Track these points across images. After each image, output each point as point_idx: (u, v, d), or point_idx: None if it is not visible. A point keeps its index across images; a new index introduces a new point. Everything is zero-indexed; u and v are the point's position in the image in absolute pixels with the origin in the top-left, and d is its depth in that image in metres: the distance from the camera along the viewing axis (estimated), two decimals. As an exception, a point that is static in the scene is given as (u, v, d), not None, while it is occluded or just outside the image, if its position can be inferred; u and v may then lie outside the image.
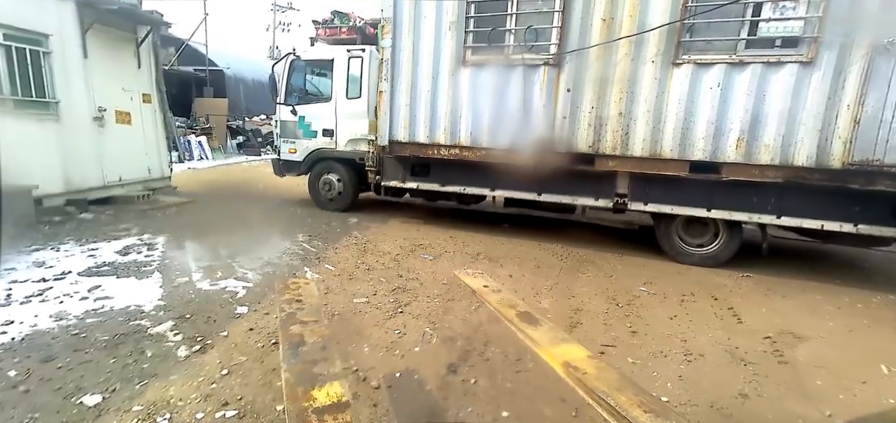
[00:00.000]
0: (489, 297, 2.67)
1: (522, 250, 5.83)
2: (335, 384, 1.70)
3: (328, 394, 1.65)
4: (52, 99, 6.12)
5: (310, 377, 1.74)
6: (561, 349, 2.04)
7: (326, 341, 2.03)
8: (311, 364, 1.83)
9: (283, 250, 5.15)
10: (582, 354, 1.99)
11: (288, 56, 7.32)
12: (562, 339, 2.18)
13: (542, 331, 2.23)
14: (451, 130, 6.01)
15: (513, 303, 2.57)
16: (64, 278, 3.78)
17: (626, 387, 1.76)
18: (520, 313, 2.41)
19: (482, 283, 2.91)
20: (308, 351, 1.93)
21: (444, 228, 6.81)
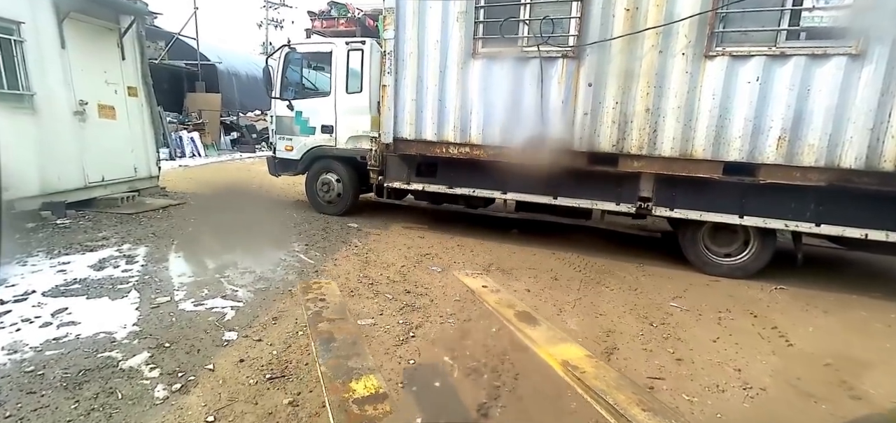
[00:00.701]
0: (487, 297, 2.64)
1: (536, 260, 5.40)
2: (371, 377, 1.76)
3: (365, 386, 1.71)
4: (26, 91, 5.60)
5: (345, 370, 1.80)
6: (559, 349, 2.04)
7: (355, 337, 2.07)
8: (345, 359, 1.88)
9: (278, 262, 4.68)
10: (580, 353, 1.99)
11: (283, 48, 6.83)
12: (560, 338, 2.18)
13: (541, 331, 2.22)
14: (460, 127, 5.55)
15: (511, 303, 2.55)
16: (25, 300, 3.30)
17: (625, 386, 1.77)
18: (518, 313, 2.40)
19: (481, 283, 2.89)
20: (339, 347, 1.97)
21: (449, 234, 6.37)
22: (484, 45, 5.30)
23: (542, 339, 2.13)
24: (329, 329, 2.13)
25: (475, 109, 5.45)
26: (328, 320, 2.23)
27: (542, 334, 2.18)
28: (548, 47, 4.99)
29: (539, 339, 2.13)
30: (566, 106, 5.05)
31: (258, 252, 4.81)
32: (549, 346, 2.07)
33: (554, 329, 2.30)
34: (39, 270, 3.94)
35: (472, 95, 5.42)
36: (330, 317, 2.27)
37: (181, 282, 3.90)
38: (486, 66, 5.30)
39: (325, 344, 1.99)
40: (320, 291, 2.56)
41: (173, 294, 3.62)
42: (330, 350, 1.95)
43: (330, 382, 1.74)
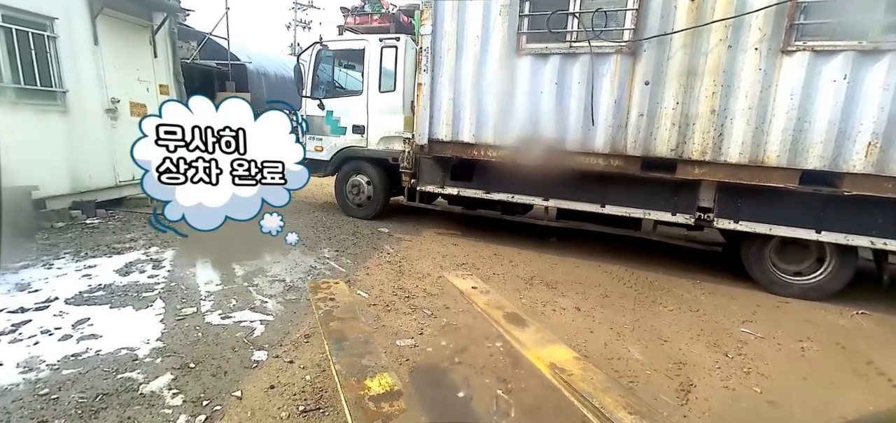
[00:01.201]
0: (477, 299, 2.60)
1: (581, 274, 4.98)
2: (385, 375, 1.77)
3: (380, 383, 1.72)
4: (58, 88, 5.53)
5: (359, 368, 1.81)
6: (547, 351, 2.00)
7: (367, 336, 2.05)
8: (358, 357, 1.89)
9: (308, 269, 4.42)
10: (568, 355, 1.96)
11: (314, 45, 6.61)
12: (549, 341, 2.14)
13: (529, 333, 2.18)
14: (500, 128, 5.19)
15: (500, 304, 2.54)
16: (47, 307, 3.12)
17: (613, 388, 1.74)
18: (507, 315, 2.38)
19: (470, 284, 2.84)
20: (351, 345, 1.97)
21: (484, 241, 6.01)
22: (529, 41, 4.93)
23: (530, 341, 2.08)
24: (341, 328, 2.13)
25: (519, 108, 5.07)
26: (339, 320, 2.22)
27: (530, 336, 2.14)
28: (600, 42, 4.58)
29: (527, 341, 2.09)
30: (619, 107, 4.62)
31: (287, 258, 4.56)
32: (537, 348, 2.03)
33: (542, 331, 2.28)
34: (64, 273, 3.78)
35: (516, 92, 5.05)
36: (341, 316, 2.27)
37: (208, 291, 3.67)
38: (530, 63, 4.92)
39: (338, 343, 1.99)
40: (329, 290, 2.56)
41: (200, 305, 3.38)
42: (343, 349, 1.95)
43: (345, 380, 1.73)
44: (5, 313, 2.98)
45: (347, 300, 2.47)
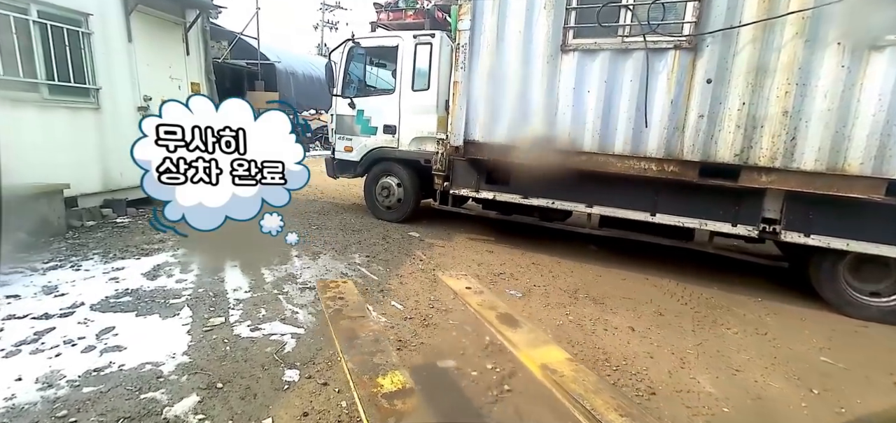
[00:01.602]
0: (470, 299, 2.60)
1: (628, 288, 4.61)
2: (396, 373, 1.78)
3: (392, 381, 1.73)
4: (91, 85, 5.49)
5: (371, 366, 1.82)
6: (539, 352, 2.02)
7: (377, 334, 2.08)
8: (370, 355, 1.90)
9: (338, 276, 4.20)
10: (560, 356, 1.99)
11: (346, 42, 6.41)
12: (542, 341, 2.15)
13: (522, 333, 2.20)
14: (542, 129, 4.86)
15: (493, 304, 2.55)
16: (72, 314, 2.97)
17: (604, 390, 1.75)
18: (500, 315, 2.38)
19: (465, 284, 2.81)
20: (362, 344, 1.99)
21: (520, 248, 5.69)
22: (576, 36, 4.59)
23: (522, 342, 2.10)
24: (351, 326, 2.16)
25: (562, 110, 4.74)
26: (349, 318, 2.25)
27: (522, 336, 2.15)
28: (656, 37, 4.21)
29: (520, 342, 2.09)
30: (676, 107, 4.24)
31: (317, 263, 4.35)
32: (529, 349, 2.03)
33: (535, 332, 2.28)
34: (92, 276, 3.65)
35: (558, 93, 4.72)
36: (350, 314, 2.29)
37: (237, 298, 3.48)
38: (577, 59, 4.58)
39: (349, 341, 2.02)
40: (338, 289, 2.60)
41: (228, 314, 3.18)
42: (354, 347, 1.98)
43: (358, 378, 1.76)
44: (29, 320, 2.84)
45: (356, 299, 2.50)
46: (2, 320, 2.79)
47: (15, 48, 4.58)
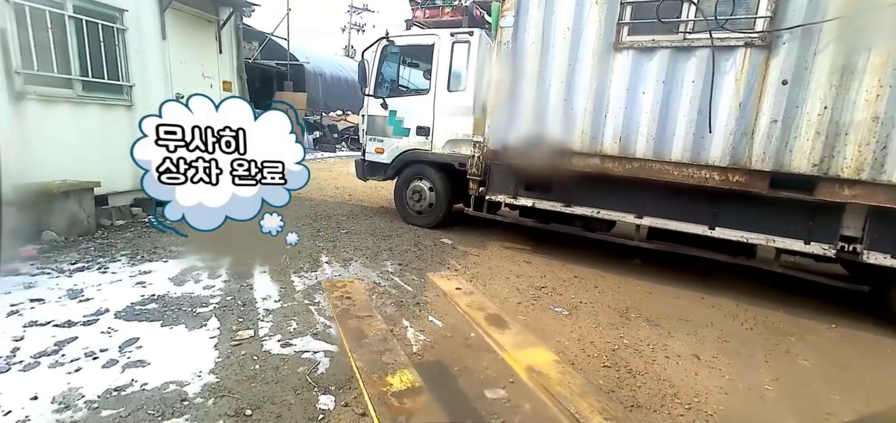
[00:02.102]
0: (459, 300, 2.58)
1: (683, 307, 4.22)
2: (405, 372, 1.83)
3: (401, 380, 1.79)
4: (125, 82, 5.43)
5: (380, 365, 1.88)
6: (526, 353, 2.02)
7: (385, 334, 2.14)
8: (378, 354, 1.97)
9: (371, 286, 3.95)
10: (548, 358, 1.98)
11: (380, 40, 6.20)
12: (529, 343, 2.18)
13: (509, 335, 2.23)
14: (590, 133, 4.52)
15: (482, 305, 2.54)
16: (96, 322, 2.80)
17: (590, 393, 1.73)
18: (488, 317, 2.41)
19: (455, 285, 2.83)
20: (371, 343, 2.07)
21: (558, 259, 5.34)
22: (631, 33, 4.24)
23: (509, 344, 2.06)
24: (359, 326, 2.17)
25: (612, 112, 4.39)
26: (357, 317, 2.27)
27: (510, 338, 2.12)
28: (724, 33, 3.82)
29: (507, 344, 2.07)
30: (745, 110, 3.84)
31: (349, 272, 4.12)
32: (515, 351, 2.00)
33: (524, 333, 2.24)
34: (119, 280, 3.50)
35: (610, 94, 4.38)
36: (358, 314, 2.32)
37: (266, 308, 3.26)
38: (632, 58, 4.23)
39: (358, 340, 2.03)
40: (345, 289, 2.60)
41: (257, 326, 2.96)
42: (362, 346, 1.99)
43: (367, 376, 1.76)
44: (51, 327, 2.68)
45: (363, 299, 2.53)
46: (23, 327, 2.64)
47: (50, 43, 4.52)
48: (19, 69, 4.24)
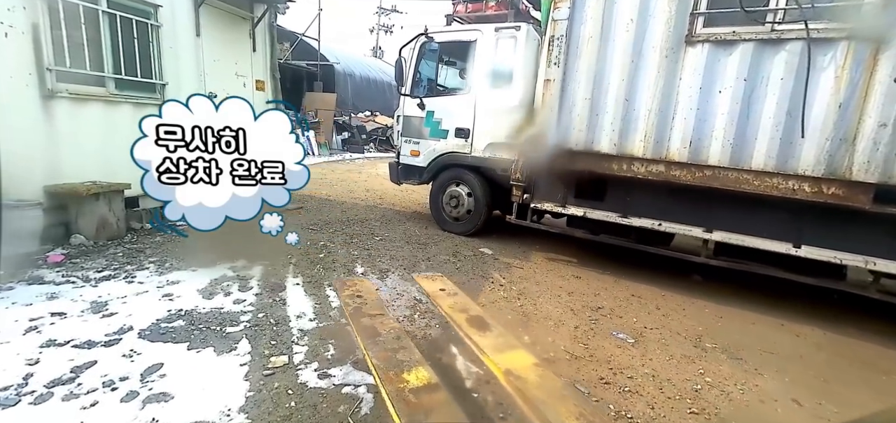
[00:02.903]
0: (441, 301, 2.60)
1: (763, 336, 3.71)
2: (420, 369, 1.84)
3: (418, 377, 1.78)
4: (158, 81, 5.27)
5: (395, 362, 1.88)
6: (506, 357, 1.98)
7: (398, 332, 2.14)
8: (393, 352, 1.98)
9: (411, 303, 3.59)
10: (527, 362, 1.94)
11: (418, 37, 5.87)
12: (509, 346, 2.14)
13: (490, 337, 2.20)
14: (655, 137, 4.06)
15: (465, 307, 2.55)
16: (118, 342, 2.54)
17: (568, 396, 1.72)
18: (470, 318, 2.38)
19: (439, 286, 2.86)
20: (385, 341, 2.08)
21: (610, 274, 4.89)
22: (708, 24, 3.76)
23: (489, 347, 2.07)
24: (372, 324, 2.20)
25: (681, 114, 3.92)
26: (369, 316, 2.28)
27: (491, 341, 2.14)
28: (821, 24, 3.31)
29: (487, 347, 2.07)
30: (846, 112, 3.31)
31: (386, 285, 3.78)
32: (495, 354, 2.00)
33: (505, 336, 2.28)
34: (145, 291, 3.27)
35: (679, 93, 3.91)
36: (370, 313, 2.32)
37: (301, 328, 2.95)
38: (707, 53, 3.75)
39: (372, 338, 2.09)
40: (356, 288, 2.57)
41: (292, 351, 2.65)
42: (377, 344, 2.05)
43: (384, 373, 1.80)
44: (69, 348, 2.43)
45: (374, 297, 2.48)
46: (40, 348, 2.40)
47: (83, 39, 4.37)
48: (51, 66, 4.09)
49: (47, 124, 4.11)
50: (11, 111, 3.85)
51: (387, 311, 2.39)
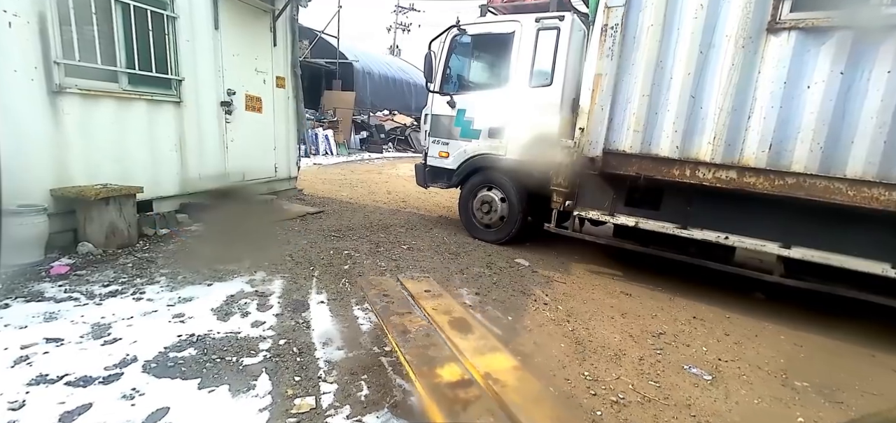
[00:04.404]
0: (425, 303, 2.53)
1: (854, 371, 3.20)
2: (452, 365, 1.90)
3: (451, 373, 1.84)
4: (174, 76, 4.95)
5: (427, 359, 1.93)
6: (485, 359, 1.95)
7: (428, 329, 2.17)
8: (424, 349, 2.02)
9: (451, 322, 3.17)
10: (507, 364, 1.92)
11: (450, 29, 5.45)
12: (490, 348, 2.09)
13: (471, 340, 2.14)
14: (726, 139, 3.57)
15: (448, 309, 2.50)
16: (119, 378, 2.17)
17: (545, 400, 1.71)
18: (452, 321, 2.35)
19: (424, 287, 2.82)
20: (415, 338, 2.12)
21: (661, 290, 4.41)
22: (795, 9, 3.25)
23: (469, 349, 2.01)
24: (401, 322, 2.26)
25: (760, 113, 3.41)
26: (397, 314, 2.37)
27: (471, 343, 2.08)
28: (945, 5, 2.78)
29: (467, 349, 2.00)
30: (973, 112, 2.77)
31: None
32: (474, 356, 1.94)
33: (487, 338, 2.21)
34: (154, 311, 2.91)
35: (757, 89, 3.40)
36: (398, 311, 2.41)
37: (328, 359, 2.55)
38: (794, 42, 3.24)
39: (402, 335, 2.12)
40: (381, 287, 2.68)
41: (319, 391, 2.24)
42: (408, 341, 2.07)
43: (417, 369, 1.82)
44: (62, 386, 2.06)
45: (400, 295, 2.51)
46: (28, 386, 2.04)
47: (94, 31, 4.06)
48: (59, 59, 3.78)
49: (54, 123, 3.81)
50: (15, 108, 3.54)
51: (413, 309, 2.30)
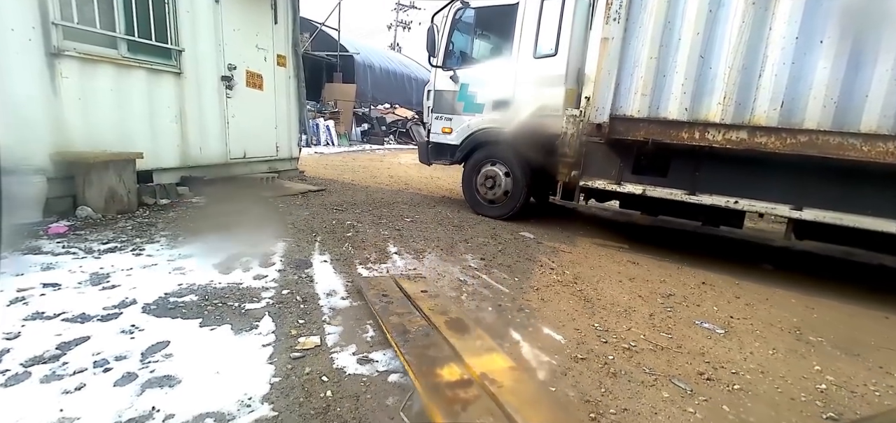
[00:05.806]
0: (422, 303, 2.43)
1: (869, 329, 3.14)
2: (452, 366, 1.80)
3: (450, 373, 1.75)
4: (174, 46, 4.88)
5: (428, 359, 1.84)
6: (483, 360, 1.91)
7: (427, 329, 2.08)
8: (424, 349, 1.92)
9: (455, 283, 3.13)
10: (503, 365, 1.88)
11: (453, 1, 5.38)
12: (488, 349, 2.03)
13: (469, 340, 2.08)
14: (736, 98, 3.50)
15: (445, 309, 2.40)
16: (118, 317, 2.11)
17: (542, 402, 1.68)
18: (449, 321, 2.26)
19: (420, 288, 2.70)
20: (415, 338, 2.01)
21: (670, 260, 4.35)
22: (808, -40, 3.18)
23: (466, 349, 1.96)
24: (400, 322, 2.13)
25: (771, 70, 3.35)
26: (397, 314, 2.22)
27: (468, 343, 2.02)
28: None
29: (463, 349, 1.96)
30: None
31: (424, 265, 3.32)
32: (471, 357, 1.90)
33: (484, 338, 2.13)
34: (154, 264, 2.84)
35: (768, 45, 3.33)
36: (397, 311, 2.27)
37: (332, 306, 2.49)
38: (808, -6, 3.17)
39: (402, 336, 1.99)
40: (380, 286, 2.57)
41: (324, 332, 2.18)
42: (408, 341, 1.96)
43: (418, 369, 1.72)
44: (59, 322, 2.00)
45: (400, 295, 2.48)
46: (23, 320, 1.98)
47: (93, -6, 4.00)
48: (57, 20, 3.72)
49: (52, 86, 3.74)
50: (12, 70, 3.48)
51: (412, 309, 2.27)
